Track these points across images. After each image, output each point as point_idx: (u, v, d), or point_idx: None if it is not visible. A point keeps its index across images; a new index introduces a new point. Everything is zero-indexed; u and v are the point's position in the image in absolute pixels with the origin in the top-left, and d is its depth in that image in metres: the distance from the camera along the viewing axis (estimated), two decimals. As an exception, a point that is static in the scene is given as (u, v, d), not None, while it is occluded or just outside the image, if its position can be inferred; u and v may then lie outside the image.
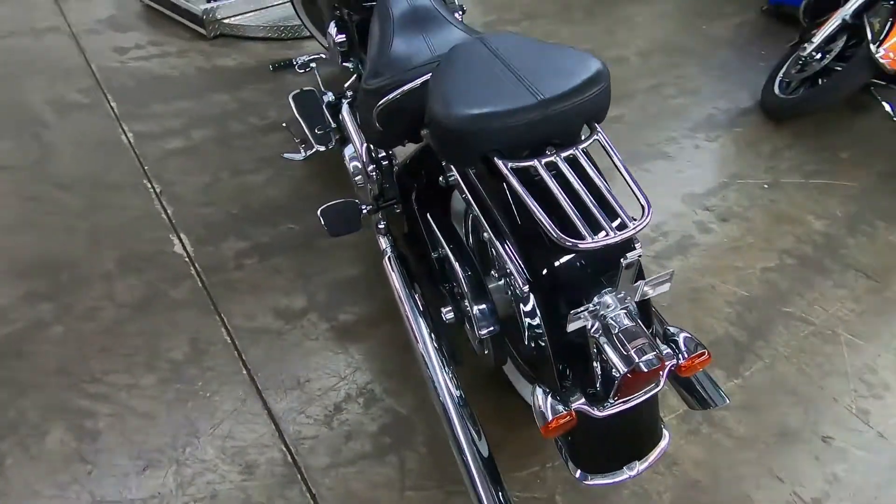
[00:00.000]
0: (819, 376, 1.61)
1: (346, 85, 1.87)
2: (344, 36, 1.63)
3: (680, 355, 0.84)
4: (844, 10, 2.54)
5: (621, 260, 0.72)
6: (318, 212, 1.45)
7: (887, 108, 2.78)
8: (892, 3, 2.37)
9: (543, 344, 0.91)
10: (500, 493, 1.02)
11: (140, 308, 1.54)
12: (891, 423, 1.50)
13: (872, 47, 2.33)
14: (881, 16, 2.37)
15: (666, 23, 3.63)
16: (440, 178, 1.04)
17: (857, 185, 2.45)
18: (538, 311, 0.86)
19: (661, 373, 0.80)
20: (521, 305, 0.95)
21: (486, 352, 1.26)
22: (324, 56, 2.06)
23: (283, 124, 2.01)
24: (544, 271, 0.83)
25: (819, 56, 2.66)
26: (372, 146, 1.42)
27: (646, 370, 0.75)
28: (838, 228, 2.18)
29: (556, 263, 0.82)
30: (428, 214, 1.27)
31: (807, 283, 1.92)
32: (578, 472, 0.98)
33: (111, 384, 1.36)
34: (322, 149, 1.86)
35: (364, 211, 1.45)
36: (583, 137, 0.85)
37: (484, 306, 1.09)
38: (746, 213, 2.20)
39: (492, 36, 0.99)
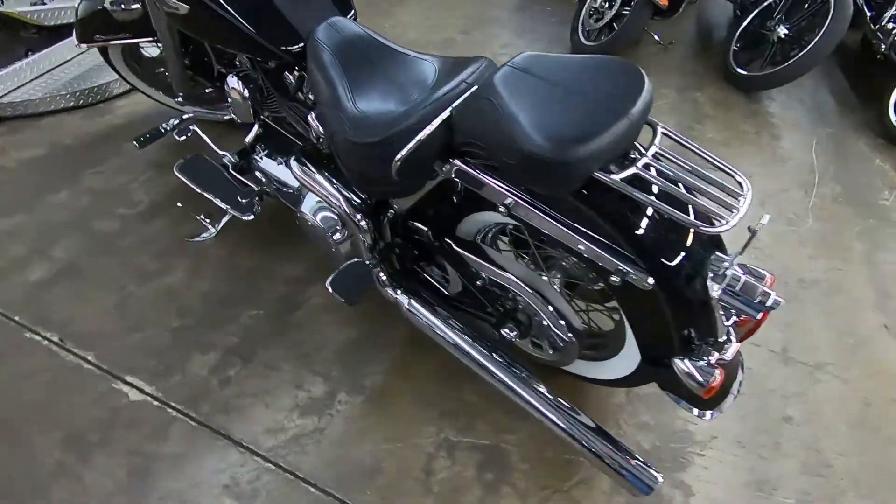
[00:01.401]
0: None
1: (247, 140, 1.66)
2: (250, 89, 1.43)
3: None
4: (616, -36, 3.04)
5: (750, 227, 0.84)
6: (328, 286, 1.31)
7: (656, 37, 3.49)
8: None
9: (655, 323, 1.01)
10: (622, 450, 1.12)
11: (135, 485, 1.21)
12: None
13: (648, -10, 2.85)
14: (645, -36, 2.90)
15: (463, -3, 3.88)
16: (502, 207, 1.03)
17: (667, 101, 3.04)
18: (661, 296, 0.95)
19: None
20: (633, 298, 1.01)
21: (551, 352, 1.32)
22: (197, 113, 1.78)
23: (178, 203, 1.69)
24: (668, 260, 0.92)
25: (607, 5, 3.16)
26: (358, 197, 1.32)
27: (775, 308, 0.90)
28: (678, 140, 2.71)
29: (677, 249, 0.92)
30: (455, 247, 1.25)
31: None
32: (698, 411, 1.12)
33: (165, 587, 1.08)
34: (251, 217, 1.63)
35: (370, 265, 1.35)
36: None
37: (564, 310, 1.15)
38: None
39: (517, 59, 1.00)
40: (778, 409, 1.55)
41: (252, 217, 1.64)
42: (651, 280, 0.92)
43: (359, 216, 1.34)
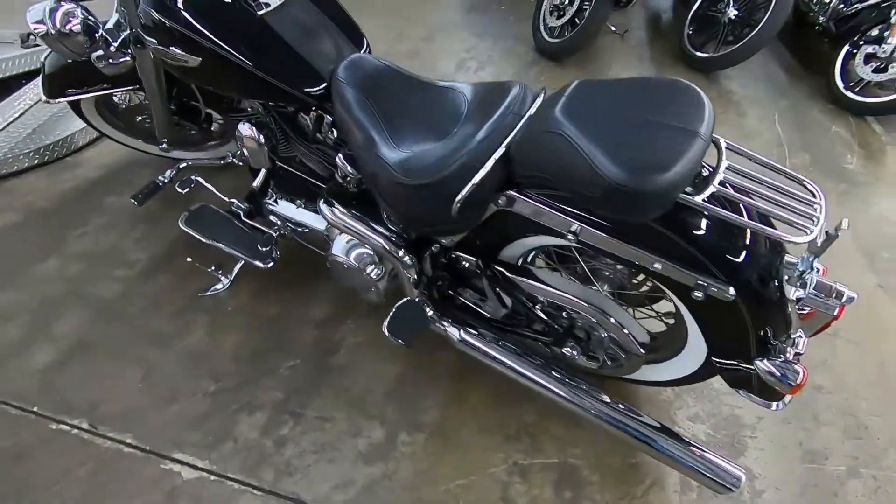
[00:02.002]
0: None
1: (256, 185, 1.58)
2: (265, 134, 1.36)
3: None
4: (574, -39, 3.09)
5: (828, 232, 0.88)
6: (385, 331, 1.27)
7: (612, 28, 3.58)
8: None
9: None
10: (700, 451, 1.16)
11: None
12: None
13: (608, -16, 2.92)
14: (602, -41, 2.96)
15: (415, 3, 3.84)
16: (569, 234, 1.02)
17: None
18: (741, 305, 0.97)
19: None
20: (710, 308, 1.02)
21: (610, 363, 1.34)
22: (192, 160, 1.69)
23: (189, 259, 1.59)
24: (745, 269, 0.94)
25: (568, 2, 3.21)
26: (396, 234, 1.29)
27: (850, 303, 0.94)
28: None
29: (752, 257, 0.95)
30: (508, 273, 1.24)
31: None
32: (766, 403, 1.16)
33: None
34: (270, 264, 1.56)
35: (419, 302, 1.32)
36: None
37: (626, 321, 1.17)
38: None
39: (572, 89, 0.99)
40: (808, 380, 1.63)
41: (272, 264, 1.57)
42: (732, 291, 0.94)
43: (401, 252, 1.31)
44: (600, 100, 0.96)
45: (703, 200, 0.88)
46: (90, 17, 1.24)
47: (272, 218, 1.59)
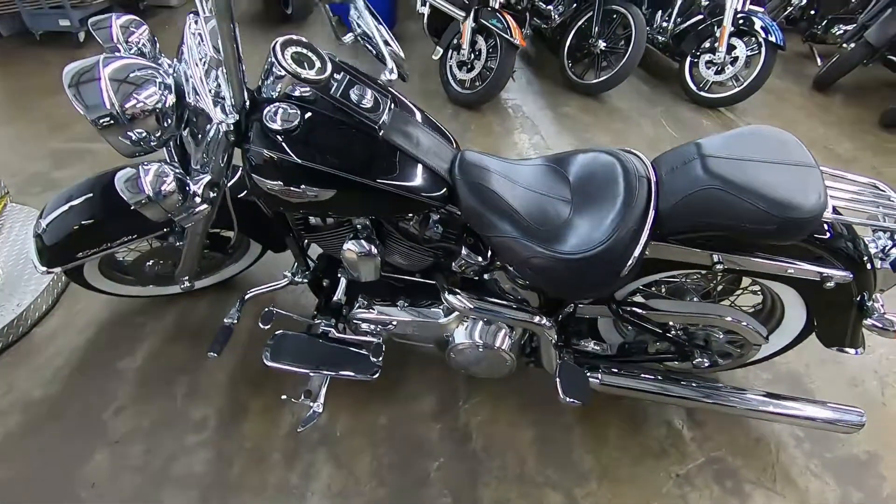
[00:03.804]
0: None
1: (336, 297, 1.53)
2: (376, 245, 1.33)
3: None
4: (469, 21, 3.40)
5: None
6: (562, 396, 1.32)
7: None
8: (490, 7, 3.38)
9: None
10: (822, 405, 1.44)
11: None
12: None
13: (509, 38, 3.27)
14: (496, 17, 3.32)
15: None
16: (716, 264, 1.21)
17: (552, 122, 3.53)
18: (853, 284, 1.24)
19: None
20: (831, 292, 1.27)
21: (721, 360, 1.56)
22: (277, 285, 1.57)
23: (283, 397, 1.47)
24: (852, 255, 1.21)
25: (474, 56, 3.52)
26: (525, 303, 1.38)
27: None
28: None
29: (851, 245, 1.22)
30: (640, 312, 1.39)
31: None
32: (854, 350, 1.46)
33: None
34: (377, 375, 1.50)
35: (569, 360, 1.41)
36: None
37: (744, 317, 1.39)
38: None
39: (698, 150, 1.18)
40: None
41: (378, 372, 1.51)
42: (851, 275, 1.21)
43: (536, 318, 1.39)
44: (723, 154, 1.17)
45: (833, 214, 1.14)
46: (177, 171, 1.12)
47: (365, 326, 1.53)
